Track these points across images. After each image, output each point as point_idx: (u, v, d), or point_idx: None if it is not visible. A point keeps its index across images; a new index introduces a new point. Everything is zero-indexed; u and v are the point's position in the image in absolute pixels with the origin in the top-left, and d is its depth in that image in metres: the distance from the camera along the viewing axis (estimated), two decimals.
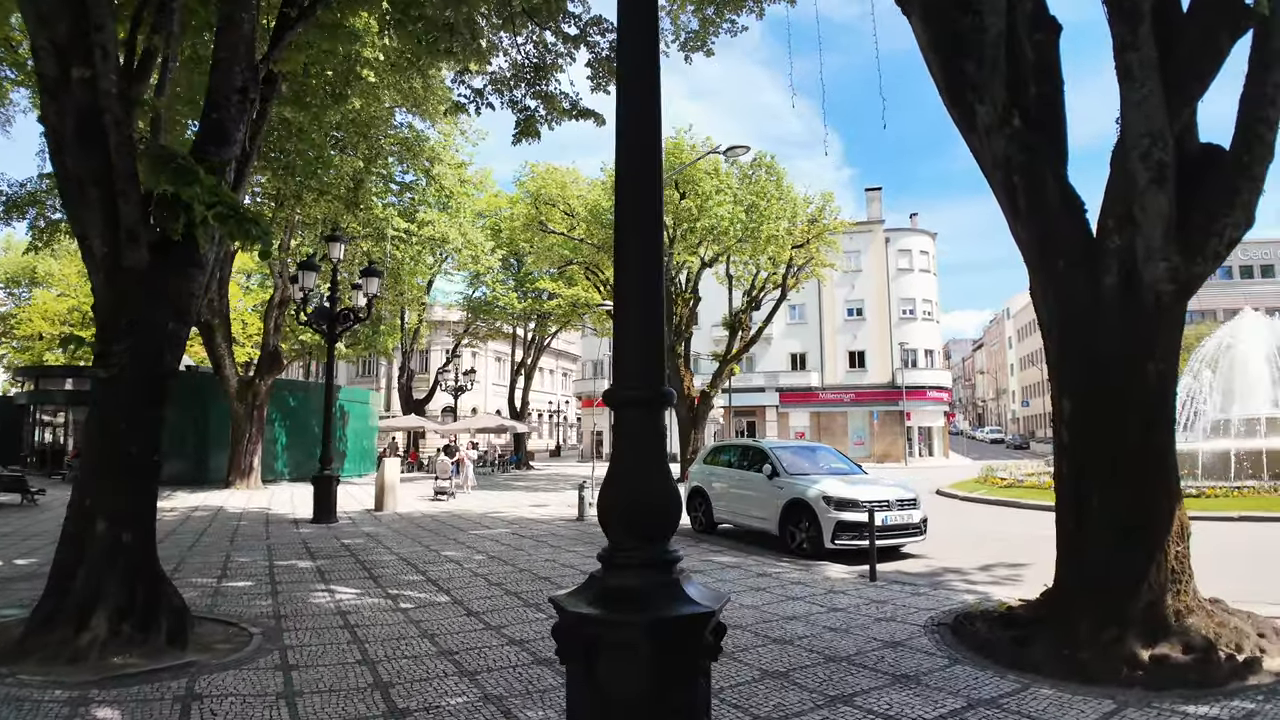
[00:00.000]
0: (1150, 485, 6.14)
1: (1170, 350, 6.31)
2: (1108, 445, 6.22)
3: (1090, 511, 6.28)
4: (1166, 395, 6.32)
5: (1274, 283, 64.08)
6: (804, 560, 12.02)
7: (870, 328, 59.87)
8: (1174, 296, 6.12)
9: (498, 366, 70.72)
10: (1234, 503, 17.30)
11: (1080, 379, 6.46)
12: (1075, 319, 6.47)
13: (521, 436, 49.31)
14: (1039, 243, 6.68)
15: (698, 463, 16.70)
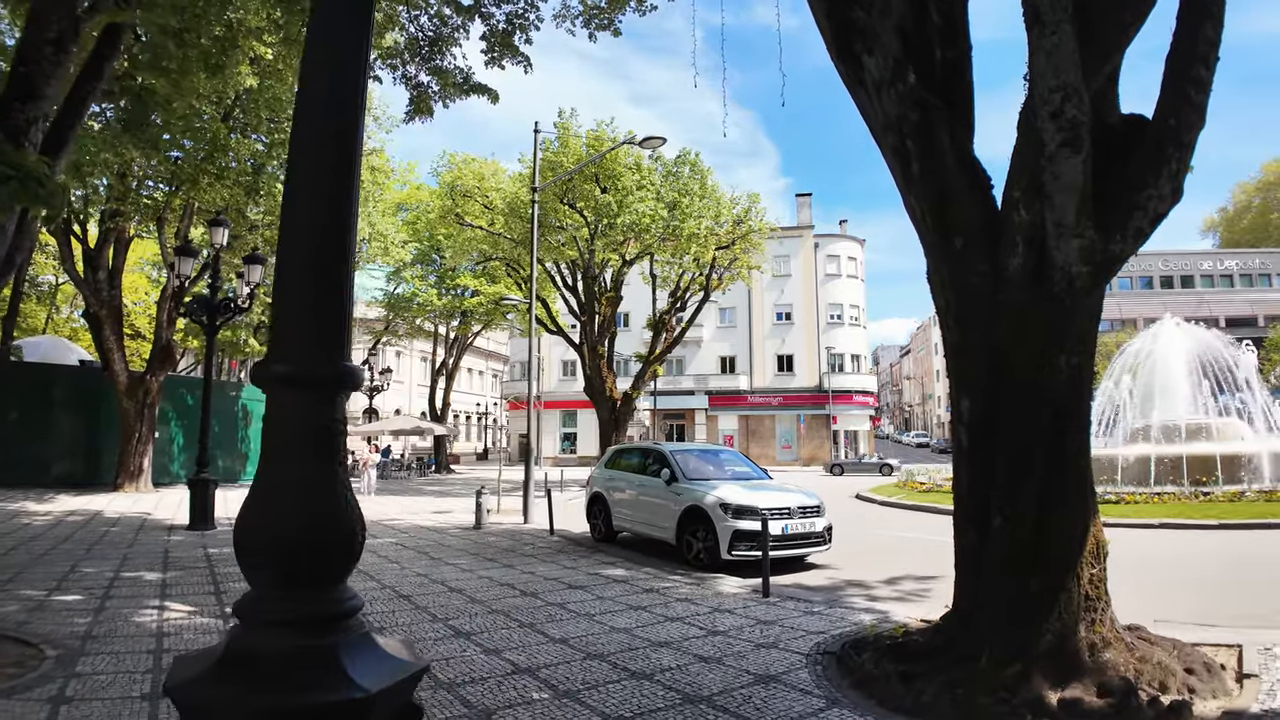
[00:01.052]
0: (1061, 498, 5.30)
1: (1085, 342, 5.46)
2: (1012, 451, 5.37)
3: (992, 527, 5.42)
4: (1080, 394, 5.46)
5: (1193, 293, 65.70)
6: (700, 573, 11.07)
7: (799, 332, 59.73)
8: (1089, 279, 5.26)
9: (424, 367, 68.79)
10: (1154, 509, 17.01)
11: (981, 374, 5.59)
12: (975, 305, 5.62)
13: (442, 439, 47.77)
14: (934, 217, 5.82)
15: (598, 467, 15.69)
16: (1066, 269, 5.21)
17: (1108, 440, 24.99)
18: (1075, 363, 5.32)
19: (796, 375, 59.64)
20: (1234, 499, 17.16)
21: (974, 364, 5.65)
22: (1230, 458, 20.91)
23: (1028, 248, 5.35)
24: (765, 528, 9.43)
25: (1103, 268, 5.26)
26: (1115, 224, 5.22)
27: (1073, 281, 5.21)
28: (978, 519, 5.53)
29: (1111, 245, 5.21)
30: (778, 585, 10.07)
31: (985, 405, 5.54)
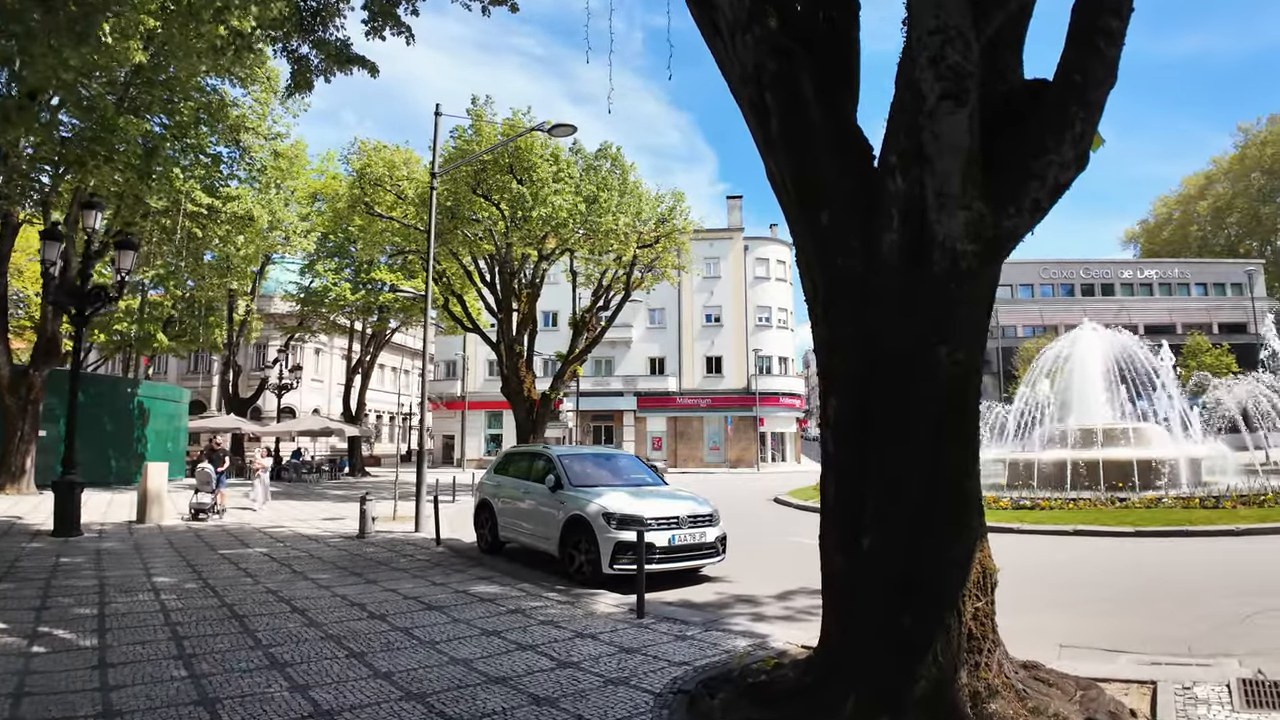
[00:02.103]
0: (940, 518, 4.43)
1: (971, 334, 4.57)
2: (883, 461, 4.50)
3: (860, 549, 4.51)
4: (965, 395, 4.58)
5: (1114, 300, 66.79)
6: (580, 589, 10.11)
7: (728, 334, 59.24)
8: (977, 260, 4.37)
9: (345, 365, 66.65)
10: (1070, 515, 16.56)
11: (850, 370, 4.70)
12: (844, 290, 4.73)
13: (356, 440, 46.01)
14: (798, 186, 4.92)
15: (487, 472, 14.58)
16: (949, 247, 4.32)
17: (1025, 444, 24.76)
18: (959, 358, 4.44)
19: (725, 377, 59.10)
20: (1151, 505, 16.79)
21: (843, 358, 4.75)
22: (1147, 463, 20.69)
23: (904, 222, 4.45)
24: (640, 539, 8.46)
25: (993, 246, 4.38)
26: (1008, 194, 4.35)
27: (957, 261, 4.33)
28: (845, 539, 4.64)
29: (1004, 220, 4.33)
30: (659, 603, 9.25)
31: (855, 406, 4.65)
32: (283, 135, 33.31)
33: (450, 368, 62.01)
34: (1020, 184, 4.36)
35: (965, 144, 4.25)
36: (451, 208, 27.49)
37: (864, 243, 4.58)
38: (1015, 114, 4.57)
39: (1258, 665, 6.02)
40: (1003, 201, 4.34)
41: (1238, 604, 8.63)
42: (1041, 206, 4.41)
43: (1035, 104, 4.59)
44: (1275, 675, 5.54)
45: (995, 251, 4.42)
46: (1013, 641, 7.41)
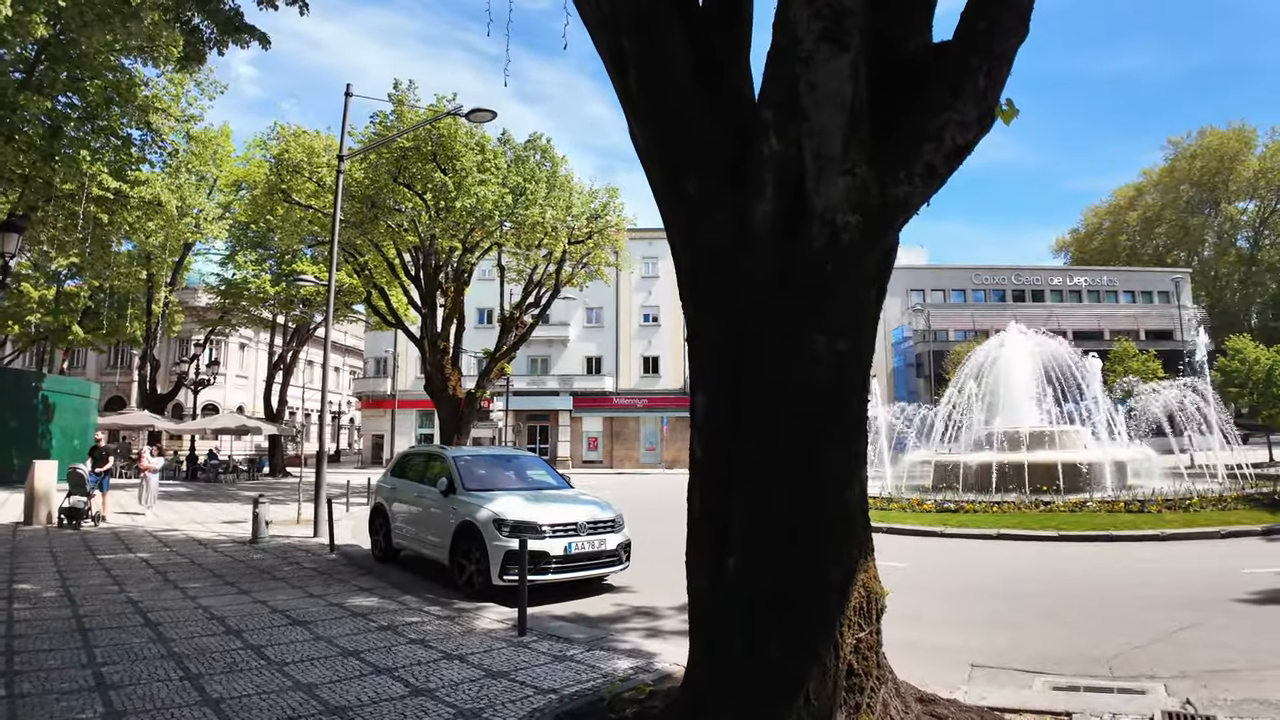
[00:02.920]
0: (814, 533, 3.73)
1: (854, 320, 3.85)
2: (751, 467, 3.78)
3: (724, 570, 3.79)
4: (847, 393, 3.85)
5: (1044, 306, 67.53)
6: (468, 602, 9.30)
7: (665, 334, 58.64)
8: (860, 233, 3.66)
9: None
10: (994, 519, 16.21)
11: (719, 362, 3.96)
12: (713, 270, 4.02)
13: (277, 439, 44.34)
14: (661, 148, 4.19)
15: (384, 474, 13.64)
16: (829, 218, 3.61)
17: (952, 447, 24.55)
18: (841, 349, 3.73)
19: (662, 377, 58.51)
20: (1075, 508, 16.50)
21: (710, 347, 4.03)
22: (1073, 466, 20.55)
23: (779, 190, 3.73)
24: (523, 548, 7.67)
25: (878, 218, 3.67)
26: (898, 158, 3.66)
27: (837, 235, 3.62)
28: (709, 557, 3.94)
29: (892, 187, 3.63)
30: (549, 618, 8.55)
31: (724, 403, 3.94)
32: (197, 118, 31.93)
33: (380, 365, 60.24)
34: (913, 146, 3.67)
35: (847, 95, 3.56)
36: (372, 197, 26.36)
37: (735, 214, 3.85)
38: (917, 75, 3.88)
39: (1185, 693, 5.48)
40: (892, 166, 3.65)
41: (1163, 617, 8.19)
42: (937, 173, 3.73)
43: (938, 60, 3.92)
44: (1204, 707, 4.97)
45: (881, 224, 3.71)
46: (921, 661, 6.83)
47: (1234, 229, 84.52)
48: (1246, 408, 42.32)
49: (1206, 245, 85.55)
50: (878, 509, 18.12)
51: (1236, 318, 76.91)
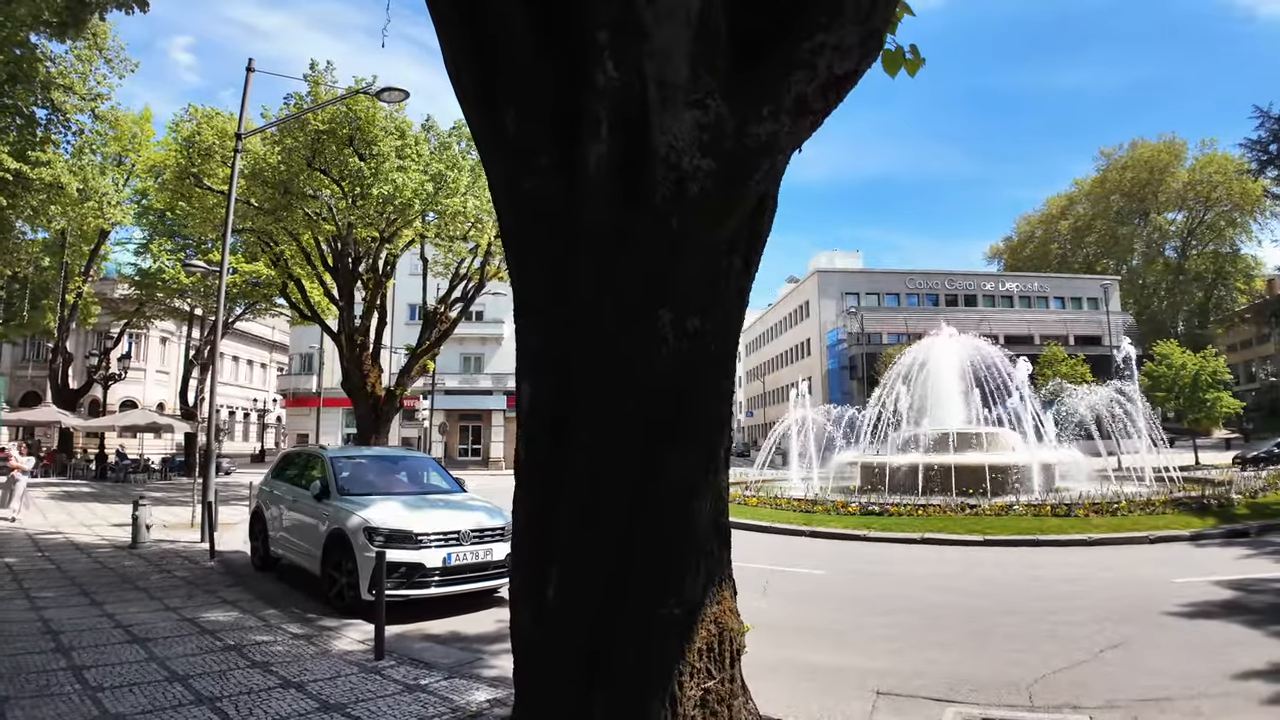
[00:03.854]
0: (653, 559, 2.89)
1: (713, 294, 2.99)
2: (580, 474, 2.91)
3: (546, 602, 2.95)
4: (701, 381, 2.99)
5: (976, 311, 68.24)
6: (336, 619, 8.35)
7: None
8: (713, 182, 2.85)
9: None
10: (919, 523, 15.67)
11: (545, 341, 3.10)
12: (536, 224, 3.12)
13: (193, 437, 42.37)
14: (472, 75, 3.26)
15: (266, 475, 12.56)
16: (674, 161, 2.76)
17: (880, 448, 24.18)
18: (693, 328, 2.88)
19: None
20: (1001, 512, 16.05)
21: (536, 324, 3.15)
22: (1000, 468, 20.22)
23: (617, 129, 2.85)
24: (381, 560, 6.77)
25: (738, 163, 2.83)
26: (763, 90, 2.84)
27: (685, 184, 2.77)
28: (532, 584, 3.06)
29: (754, 125, 2.80)
30: (422, 636, 7.79)
31: (551, 393, 3.06)
32: (105, 96, 30.23)
33: (306, 361, 58.25)
34: (781, 76, 2.86)
35: (694, 8, 2.74)
36: (286, 182, 25.01)
37: (563, 159, 2.96)
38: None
39: None
40: (754, 100, 2.84)
41: (1090, 633, 7.56)
42: (810, 107, 2.91)
43: None
44: None
45: (740, 171, 2.89)
46: (824, 686, 6.12)
47: (1162, 239, 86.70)
48: (1173, 412, 42.98)
49: (1135, 254, 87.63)
50: (802, 511, 17.56)
51: (1163, 325, 78.86)
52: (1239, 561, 11.61)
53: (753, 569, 11.48)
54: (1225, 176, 78.79)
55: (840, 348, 64.47)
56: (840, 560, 12.48)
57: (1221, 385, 40.54)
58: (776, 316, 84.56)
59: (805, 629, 7.99)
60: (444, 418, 54.65)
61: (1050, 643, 7.29)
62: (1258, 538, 14.01)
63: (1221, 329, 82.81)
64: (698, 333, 2.85)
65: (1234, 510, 16.07)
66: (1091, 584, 10.21)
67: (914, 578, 10.89)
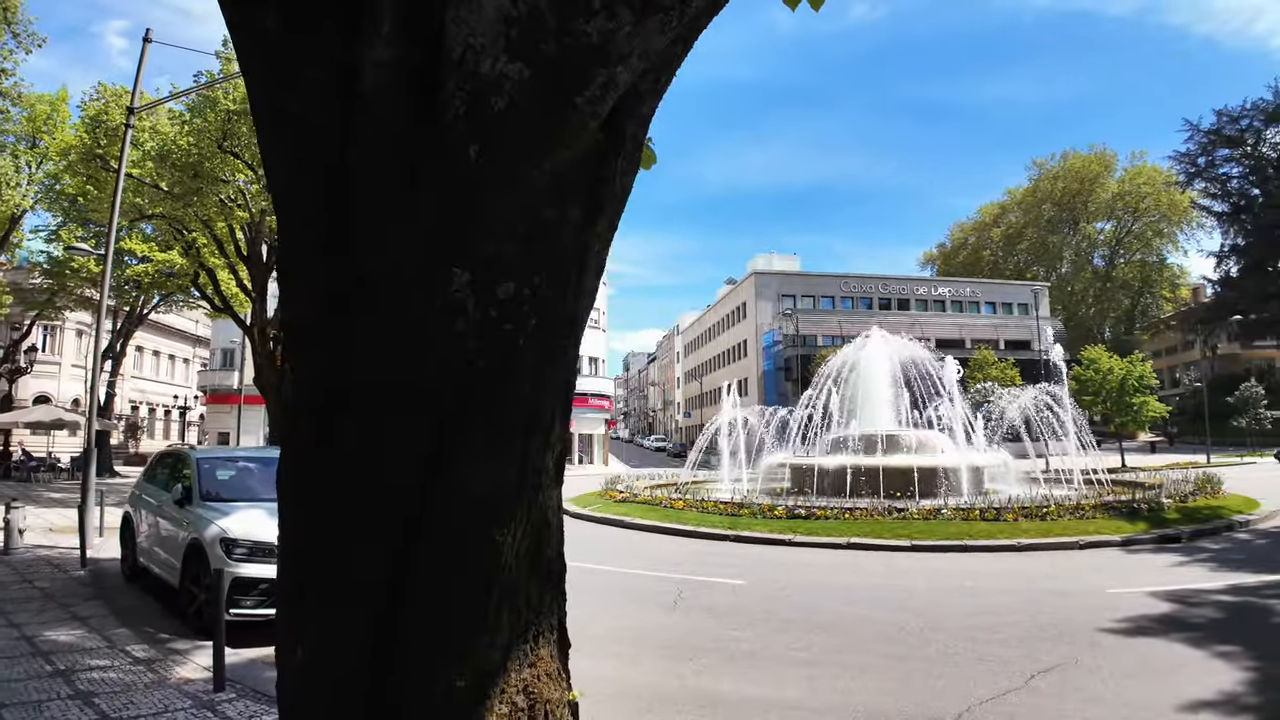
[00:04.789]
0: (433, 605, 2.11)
1: (534, 253, 2.14)
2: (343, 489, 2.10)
3: (295, 666, 2.17)
4: (513, 369, 2.13)
5: (909, 314, 68.83)
6: (190, 640, 7.42)
7: None
8: (530, 97, 2.01)
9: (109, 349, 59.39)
10: (845, 526, 15.20)
11: (310, 310, 2.27)
12: (301, 155, 2.24)
13: (105, 435, 40.45)
14: None
15: (139, 478, 11.52)
16: (472, 67, 1.92)
17: (810, 449, 23.78)
18: (505, 294, 2.06)
19: None
20: (929, 516, 15.65)
21: (299, 290, 2.33)
22: (929, 470, 19.90)
23: (406, 29, 1.96)
24: (219, 578, 5.91)
25: (561, 71, 1.99)
26: None
27: (485, 96, 1.94)
28: (290, 631, 2.27)
29: (580, 19, 1.95)
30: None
31: (314, 381, 2.24)
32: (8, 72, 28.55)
33: (228, 356, 55.91)
34: None
35: None
36: (195, 165, 23.65)
37: (337, 69, 2.13)
38: None
39: None
40: None
41: (1020, 655, 6.96)
42: (658, 2, 2.11)
43: None
44: None
45: (563, 82, 2.01)
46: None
47: (1091, 247, 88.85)
48: (1099, 415, 43.61)
49: (1064, 262, 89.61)
50: (728, 515, 16.97)
51: (1090, 331, 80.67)
52: (1173, 570, 11.31)
53: (668, 579, 10.84)
54: (1154, 188, 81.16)
55: (776, 349, 64.43)
56: (762, 568, 11.88)
57: (1147, 390, 41.23)
58: (714, 317, 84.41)
59: (712, 649, 7.30)
60: None
61: (977, 666, 6.68)
62: (1189, 543, 13.83)
63: (1147, 335, 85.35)
64: (511, 302, 2.09)
65: (1165, 515, 15.90)
66: (1022, 596, 9.66)
67: (836, 588, 10.28)
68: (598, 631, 7.69)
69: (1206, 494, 18.45)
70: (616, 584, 10.60)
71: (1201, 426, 48.37)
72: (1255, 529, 15.39)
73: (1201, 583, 10.08)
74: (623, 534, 16.47)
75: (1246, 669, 6.30)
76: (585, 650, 7.08)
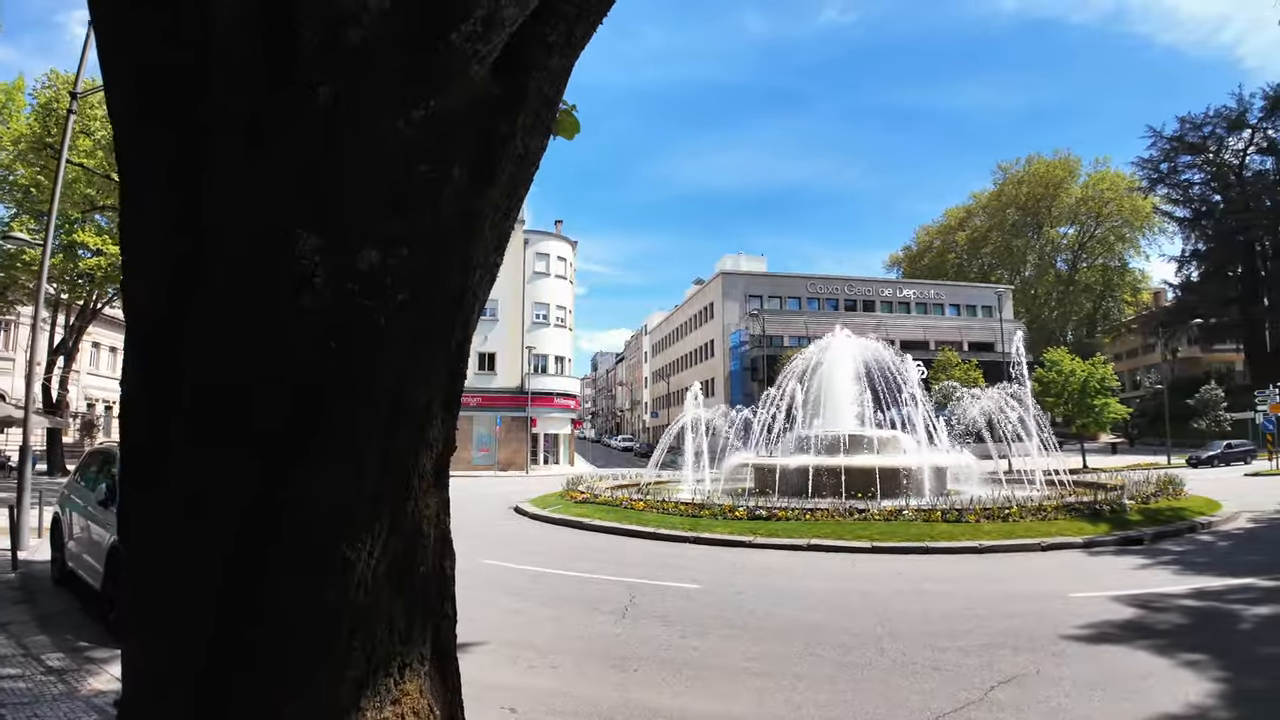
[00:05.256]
0: (271, 640, 1.77)
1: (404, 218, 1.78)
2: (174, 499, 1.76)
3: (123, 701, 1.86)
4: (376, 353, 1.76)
5: (874, 316, 69.09)
6: (110, 649, 7.00)
7: (503, 330, 56.12)
8: (395, 30, 1.68)
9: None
10: (806, 527, 15.00)
11: (150, 285, 1.94)
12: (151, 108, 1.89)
13: (56, 433, 39.40)
14: None
15: (71, 475, 11.03)
16: (325, 9, 1.60)
17: (774, 449, 23.60)
18: (367, 265, 1.72)
19: (498, 375, 55.96)
20: (890, 517, 15.47)
21: (141, 265, 1.98)
22: (891, 471, 19.80)
23: None
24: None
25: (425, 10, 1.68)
26: None
27: (342, 29, 1.60)
28: (126, 654, 1.95)
29: None
30: None
31: (152, 373, 1.91)
32: None
33: None
34: None
35: None
36: None
37: (193, 18, 1.80)
38: None
39: None
40: None
41: (980, 663, 6.71)
42: None
43: None
44: None
45: (429, 9, 1.68)
46: None
47: (1054, 251, 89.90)
48: (1061, 417, 43.94)
49: (1028, 265, 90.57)
50: (688, 516, 16.71)
51: (1053, 334, 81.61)
52: (1136, 572, 11.18)
53: (622, 583, 10.55)
54: (1116, 193, 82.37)
55: (743, 349, 64.37)
56: (720, 571, 11.61)
57: (1109, 392, 41.65)
58: (682, 318, 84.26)
59: (660, 659, 6.98)
60: None
61: (934, 677, 6.40)
62: (1151, 545, 13.77)
63: (1109, 339, 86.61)
64: (374, 274, 1.77)
65: (1127, 516, 15.87)
66: (982, 600, 9.43)
67: (793, 593, 10.02)
68: (541, 641, 7.39)
69: (1168, 495, 18.49)
70: (569, 589, 10.28)
71: (1162, 428, 48.94)
72: (1217, 530, 15.39)
73: (1165, 586, 9.93)
74: (581, 536, 16.14)
75: (1215, 680, 6.08)
76: (524, 661, 6.81)
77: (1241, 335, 75.68)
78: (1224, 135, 74.65)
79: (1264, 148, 73.67)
